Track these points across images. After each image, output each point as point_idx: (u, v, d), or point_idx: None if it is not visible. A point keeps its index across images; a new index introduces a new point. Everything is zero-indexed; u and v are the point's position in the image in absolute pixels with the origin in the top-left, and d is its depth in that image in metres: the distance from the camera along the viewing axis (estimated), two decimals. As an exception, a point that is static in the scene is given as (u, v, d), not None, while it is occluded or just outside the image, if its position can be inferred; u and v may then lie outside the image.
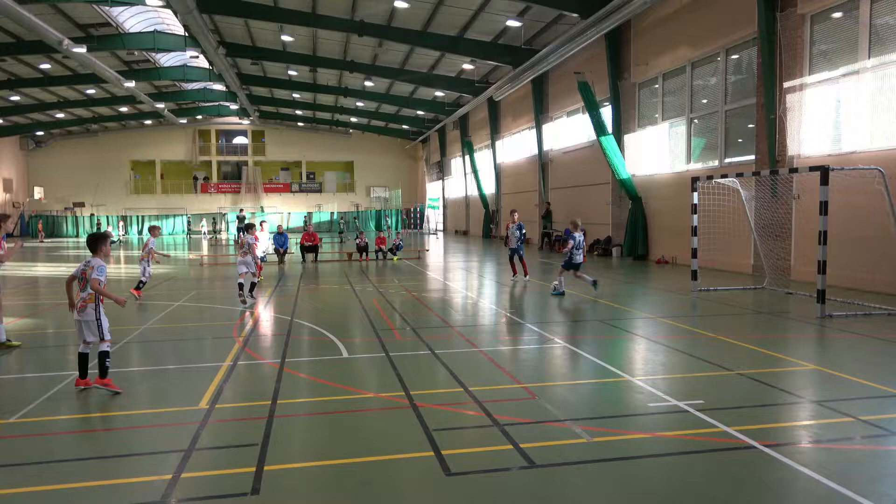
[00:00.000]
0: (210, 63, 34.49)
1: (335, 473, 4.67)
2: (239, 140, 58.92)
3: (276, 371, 7.49)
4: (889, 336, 9.05)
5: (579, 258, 13.54)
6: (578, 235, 13.58)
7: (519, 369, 7.60)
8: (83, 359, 6.75)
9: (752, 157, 16.79)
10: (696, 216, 14.01)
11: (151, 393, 6.91)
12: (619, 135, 22.86)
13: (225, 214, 53.93)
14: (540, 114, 30.40)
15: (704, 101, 19.40)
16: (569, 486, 4.37)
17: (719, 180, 14.43)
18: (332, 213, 55.85)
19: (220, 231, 51.07)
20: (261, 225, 19.81)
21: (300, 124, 57.03)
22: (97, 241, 6.90)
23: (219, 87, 42.61)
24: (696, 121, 19.76)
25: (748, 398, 6.31)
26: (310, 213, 54.03)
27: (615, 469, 4.65)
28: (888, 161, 12.30)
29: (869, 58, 13.54)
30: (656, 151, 21.69)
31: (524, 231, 16.24)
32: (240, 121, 55.61)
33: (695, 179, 14.22)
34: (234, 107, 49.09)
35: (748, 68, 17.34)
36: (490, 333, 10.06)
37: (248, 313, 11.83)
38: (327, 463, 4.85)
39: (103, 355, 6.66)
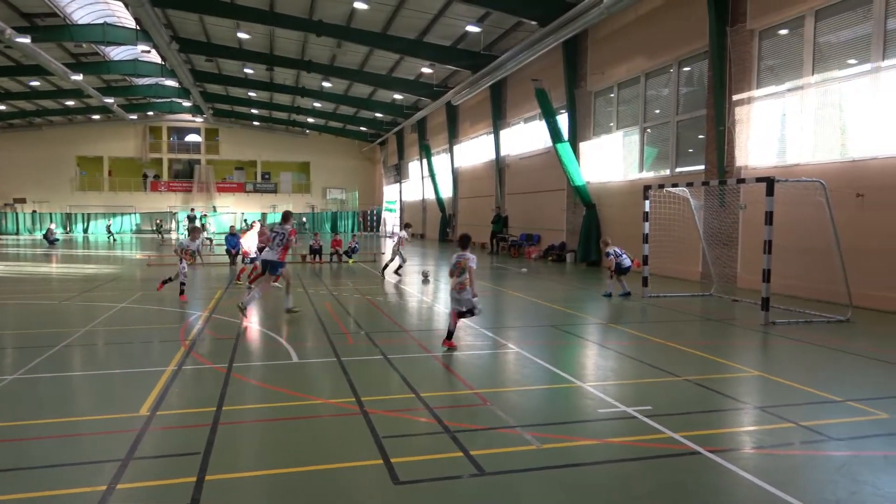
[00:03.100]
0: (163, 58, 33.58)
1: (280, 483, 4.54)
2: (191, 138, 57.53)
3: (223, 376, 7.28)
4: (828, 343, 9.38)
5: (627, 262, 14.10)
6: (612, 249, 14.10)
7: (472, 375, 7.57)
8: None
9: (702, 167, 17.22)
10: (647, 223, 14.28)
11: (90, 399, 6.64)
12: (574, 142, 23.15)
13: (175, 214, 52.55)
14: (498, 119, 30.59)
15: (657, 111, 19.82)
16: (516, 494, 4.36)
17: (670, 189, 14.75)
18: (287, 215, 54.97)
19: (170, 231, 49.74)
20: (251, 225, 18.45)
21: (256, 123, 56.03)
22: (469, 240, 8.95)
23: (171, 83, 41.44)
24: (648, 130, 20.18)
25: (695, 404, 6.43)
26: (264, 214, 53.08)
27: (563, 476, 4.65)
28: (829, 174, 12.77)
29: (813, 74, 14.06)
30: (611, 159, 22.05)
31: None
32: (193, 118, 54.34)
33: (647, 188, 14.49)
34: (187, 104, 47.92)
35: (699, 80, 17.79)
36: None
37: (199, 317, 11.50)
38: (273, 472, 4.71)
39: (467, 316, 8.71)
